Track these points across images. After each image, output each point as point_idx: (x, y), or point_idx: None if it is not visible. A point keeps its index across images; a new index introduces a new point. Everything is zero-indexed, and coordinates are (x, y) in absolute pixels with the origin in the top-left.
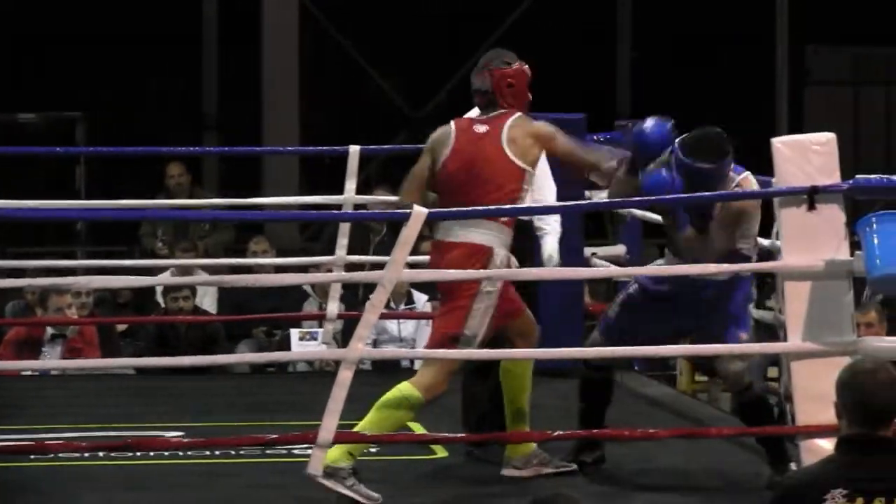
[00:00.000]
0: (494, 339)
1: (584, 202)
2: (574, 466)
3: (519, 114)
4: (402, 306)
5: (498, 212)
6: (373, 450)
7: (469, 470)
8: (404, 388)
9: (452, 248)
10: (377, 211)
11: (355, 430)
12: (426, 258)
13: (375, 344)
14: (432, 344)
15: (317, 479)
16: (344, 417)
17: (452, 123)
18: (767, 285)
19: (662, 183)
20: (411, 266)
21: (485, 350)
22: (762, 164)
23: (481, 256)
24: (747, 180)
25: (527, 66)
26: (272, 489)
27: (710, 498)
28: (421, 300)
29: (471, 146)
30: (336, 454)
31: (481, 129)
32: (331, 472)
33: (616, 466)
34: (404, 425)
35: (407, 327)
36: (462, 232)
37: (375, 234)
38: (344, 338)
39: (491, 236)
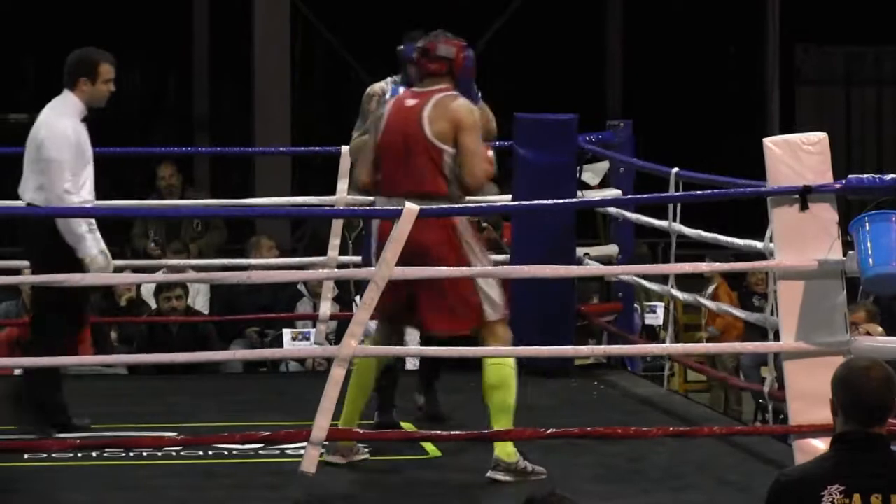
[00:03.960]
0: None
1: (573, 200)
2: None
3: (452, 92)
4: None
5: (480, 210)
6: (366, 450)
7: (462, 469)
8: (499, 363)
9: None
10: (368, 209)
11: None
12: None
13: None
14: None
15: (497, 477)
16: (337, 415)
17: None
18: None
19: None
20: None
21: (471, 348)
22: (754, 165)
23: (449, 223)
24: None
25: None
26: (265, 489)
27: (702, 496)
28: None
29: (400, 120)
30: (507, 450)
31: (411, 102)
32: (510, 468)
33: (608, 465)
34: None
35: None
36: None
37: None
38: (336, 339)
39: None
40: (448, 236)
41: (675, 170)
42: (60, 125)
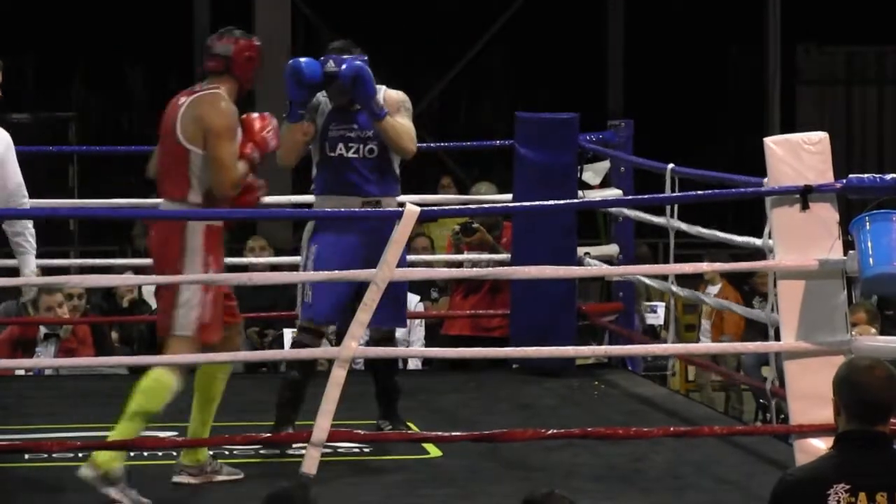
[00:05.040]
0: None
1: (573, 201)
2: (241, 474)
3: (218, 91)
4: None
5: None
6: (366, 450)
7: (462, 469)
8: (159, 376)
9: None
10: (370, 210)
11: (113, 433)
12: (419, 257)
13: (368, 345)
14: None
15: (96, 486)
16: (338, 416)
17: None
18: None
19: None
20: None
21: (471, 349)
22: (755, 164)
23: (177, 226)
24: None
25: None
26: (266, 489)
27: (702, 496)
28: (413, 301)
29: (166, 118)
30: (106, 457)
31: (182, 99)
32: (105, 477)
33: (609, 465)
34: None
35: None
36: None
37: None
38: (338, 339)
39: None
40: (170, 240)
41: (671, 166)
42: None
